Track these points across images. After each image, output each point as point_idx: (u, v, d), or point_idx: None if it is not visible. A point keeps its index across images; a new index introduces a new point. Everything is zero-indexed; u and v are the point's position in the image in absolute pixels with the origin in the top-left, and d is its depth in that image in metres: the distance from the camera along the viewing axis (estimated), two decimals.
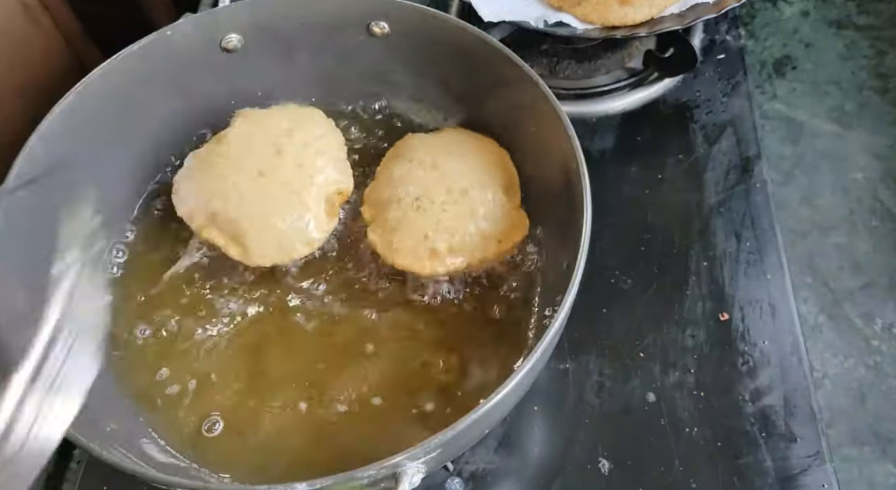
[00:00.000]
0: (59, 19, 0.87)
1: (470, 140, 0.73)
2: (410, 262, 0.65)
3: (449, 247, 0.65)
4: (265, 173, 0.68)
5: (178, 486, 0.51)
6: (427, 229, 0.66)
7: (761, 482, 0.63)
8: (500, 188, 0.68)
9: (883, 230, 0.83)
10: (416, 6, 0.70)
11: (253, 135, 0.70)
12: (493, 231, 0.66)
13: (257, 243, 0.67)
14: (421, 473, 0.49)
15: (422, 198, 0.67)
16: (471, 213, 0.67)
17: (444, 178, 0.68)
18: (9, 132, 0.79)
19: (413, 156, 0.71)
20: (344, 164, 0.71)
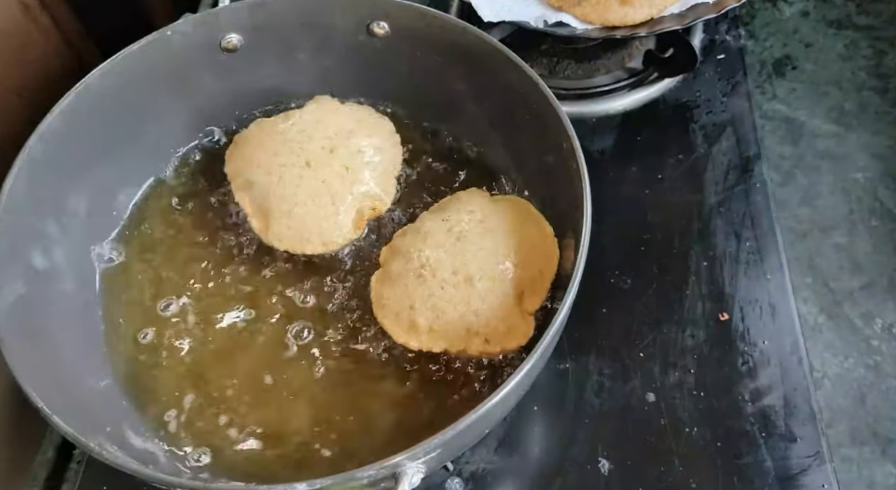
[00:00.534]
0: (58, 19, 0.87)
1: (528, 224, 0.67)
2: (389, 324, 0.63)
3: (430, 326, 0.62)
4: (311, 165, 0.68)
5: (178, 485, 0.51)
6: (416, 300, 0.63)
7: (761, 482, 0.63)
8: (514, 289, 0.63)
9: (883, 230, 0.83)
10: (416, 6, 0.70)
11: (317, 124, 0.71)
12: (482, 329, 0.61)
13: (278, 225, 0.68)
14: (421, 473, 0.49)
15: (426, 266, 0.64)
16: (466, 302, 0.62)
17: (460, 256, 0.64)
18: (8, 132, 0.78)
19: (451, 216, 0.67)
20: (389, 183, 0.71)
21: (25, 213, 0.62)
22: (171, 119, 0.75)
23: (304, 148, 0.69)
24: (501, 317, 0.62)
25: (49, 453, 0.69)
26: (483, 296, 0.62)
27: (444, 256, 0.64)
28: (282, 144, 0.70)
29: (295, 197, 0.68)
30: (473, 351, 0.62)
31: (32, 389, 0.52)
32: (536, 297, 0.64)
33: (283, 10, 0.72)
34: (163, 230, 0.73)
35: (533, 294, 0.63)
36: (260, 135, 0.71)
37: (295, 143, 0.70)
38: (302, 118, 0.72)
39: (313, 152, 0.69)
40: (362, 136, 0.71)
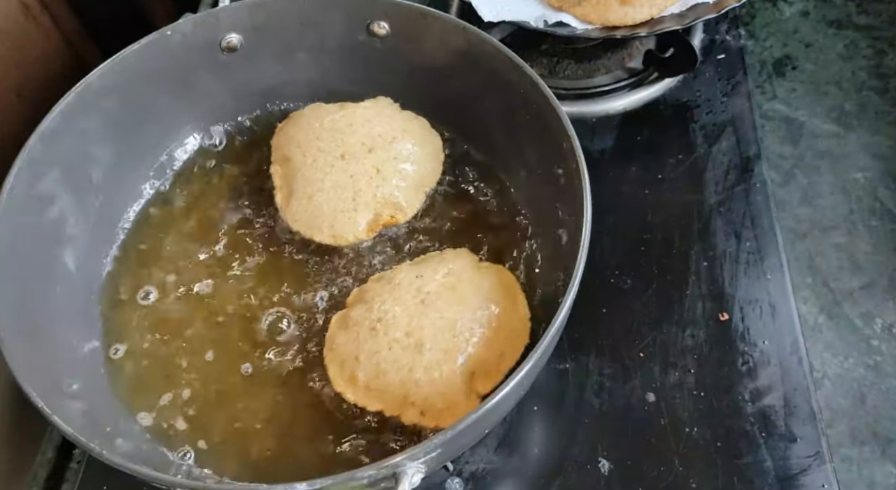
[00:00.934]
0: (58, 19, 0.87)
1: (504, 301, 0.63)
2: (333, 370, 0.61)
3: (368, 383, 0.59)
4: (346, 158, 0.69)
5: (178, 485, 0.51)
6: (362, 352, 0.60)
7: (761, 482, 0.63)
8: (465, 367, 0.59)
9: (883, 230, 0.83)
10: (416, 6, 0.70)
11: (366, 122, 0.71)
12: (419, 401, 0.58)
13: (298, 206, 0.69)
14: (421, 473, 0.49)
15: (382, 321, 0.61)
16: (409, 369, 0.59)
17: (417, 319, 0.61)
18: (8, 132, 0.78)
19: (426, 275, 0.64)
20: (417, 196, 0.70)
21: (25, 213, 0.62)
22: (171, 119, 0.75)
23: (345, 140, 0.70)
24: (442, 393, 0.58)
25: (49, 453, 0.69)
26: (428, 367, 0.59)
27: (403, 315, 0.61)
28: (326, 131, 0.71)
29: (320, 183, 0.68)
30: (407, 420, 0.59)
31: (32, 389, 0.52)
32: (489, 381, 0.60)
33: (283, 10, 0.72)
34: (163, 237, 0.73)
35: (486, 377, 0.60)
36: (311, 117, 0.73)
37: (339, 133, 0.70)
38: (355, 112, 0.72)
39: (352, 146, 0.70)
40: (404, 144, 0.71)
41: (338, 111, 0.73)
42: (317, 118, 0.72)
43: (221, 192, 0.75)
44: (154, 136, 0.74)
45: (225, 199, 0.75)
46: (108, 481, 0.65)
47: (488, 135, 0.75)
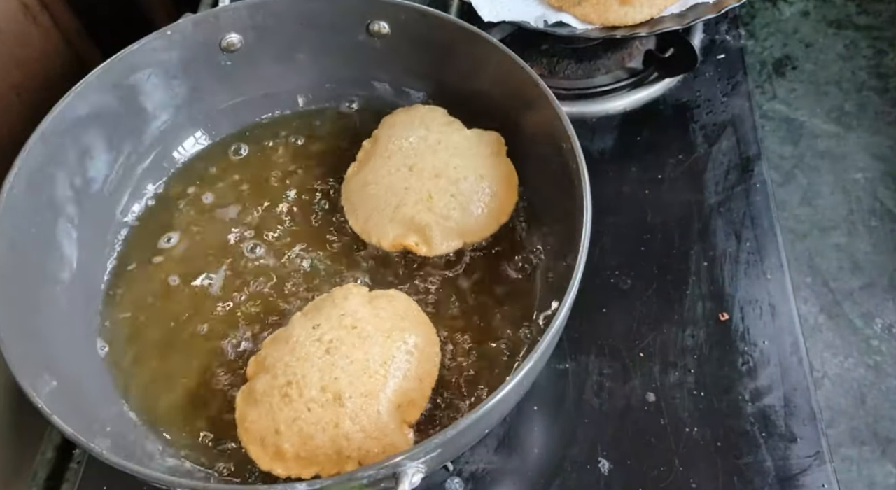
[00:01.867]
0: (58, 19, 0.87)
1: (406, 322, 0.62)
2: (254, 451, 0.58)
3: (297, 453, 0.57)
4: (412, 170, 0.69)
5: (177, 485, 0.51)
6: (281, 423, 0.57)
7: (761, 482, 0.63)
8: (390, 403, 0.58)
9: (883, 230, 0.83)
10: (416, 6, 0.70)
11: (453, 148, 0.70)
12: (354, 453, 0.56)
13: (356, 185, 0.70)
14: (421, 473, 0.49)
15: (293, 384, 0.58)
16: (335, 424, 0.56)
17: (329, 371, 0.58)
18: (8, 132, 0.78)
19: (322, 323, 0.61)
20: (450, 241, 0.67)
21: (25, 213, 0.62)
22: (171, 119, 0.75)
23: (424, 156, 0.69)
24: (376, 437, 0.56)
25: (49, 453, 0.69)
26: (354, 415, 0.56)
27: (312, 371, 0.58)
28: (416, 137, 0.71)
29: (381, 178, 0.69)
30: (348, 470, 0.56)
31: (32, 389, 0.52)
32: (415, 408, 0.59)
33: (283, 10, 0.73)
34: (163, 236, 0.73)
35: (411, 405, 0.59)
36: (421, 116, 0.73)
37: (424, 145, 0.70)
38: (451, 136, 0.71)
39: (424, 163, 0.69)
40: (468, 186, 0.68)
41: (445, 125, 0.72)
42: (422, 120, 0.72)
43: (221, 191, 0.75)
44: (154, 136, 0.74)
45: (225, 200, 0.75)
46: (108, 481, 0.65)
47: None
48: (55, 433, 0.70)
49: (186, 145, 0.77)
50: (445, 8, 0.94)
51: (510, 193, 0.70)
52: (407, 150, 0.70)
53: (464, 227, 0.67)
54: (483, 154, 0.70)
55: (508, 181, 0.70)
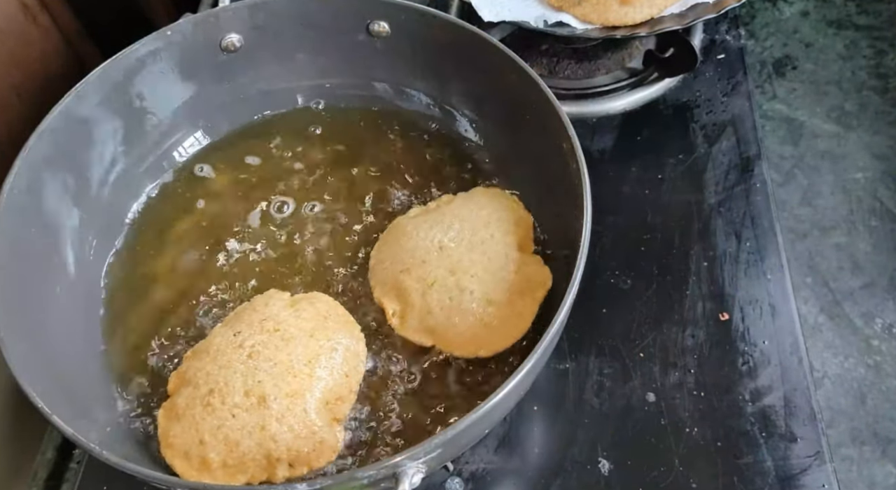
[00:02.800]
0: (58, 19, 0.87)
1: (330, 322, 0.62)
2: (179, 465, 0.57)
3: (223, 461, 0.56)
4: (442, 250, 0.65)
5: (177, 485, 0.51)
6: (205, 433, 0.56)
7: (761, 482, 0.63)
8: (317, 401, 0.57)
9: (883, 230, 0.83)
10: (416, 6, 0.70)
11: (491, 256, 0.64)
12: (284, 455, 0.56)
13: (391, 238, 0.68)
14: (421, 473, 0.49)
15: (215, 392, 0.57)
16: (261, 428, 0.56)
17: (252, 375, 0.57)
18: (7, 132, 0.78)
19: (243, 329, 0.60)
20: (423, 332, 0.63)
21: (25, 213, 0.62)
22: (171, 119, 0.75)
23: (460, 247, 0.65)
24: (305, 436, 0.56)
25: (49, 453, 0.69)
26: (281, 416, 0.56)
27: (235, 377, 0.57)
28: (470, 226, 0.66)
29: (416, 238, 0.66)
30: (279, 478, 0.56)
31: (32, 389, 0.52)
32: (344, 403, 0.59)
33: (283, 10, 0.73)
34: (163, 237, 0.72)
35: (339, 401, 0.59)
36: (492, 201, 0.69)
37: (468, 238, 0.65)
38: (495, 246, 0.65)
39: (453, 254, 0.64)
40: (471, 299, 0.62)
41: (498, 228, 0.66)
42: (496, 213, 0.67)
43: (222, 192, 0.75)
44: (154, 136, 0.74)
45: (224, 200, 0.75)
46: (108, 481, 0.65)
47: (488, 135, 0.75)
48: (55, 433, 0.70)
49: (186, 145, 0.77)
50: (445, 8, 0.94)
51: (510, 334, 0.62)
52: (453, 229, 0.66)
53: (441, 333, 0.63)
54: (511, 280, 0.63)
55: (517, 321, 0.63)
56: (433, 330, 0.63)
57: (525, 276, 0.64)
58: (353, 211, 0.73)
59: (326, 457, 0.57)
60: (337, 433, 0.58)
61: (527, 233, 0.68)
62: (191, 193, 0.75)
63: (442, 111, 0.77)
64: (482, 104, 0.74)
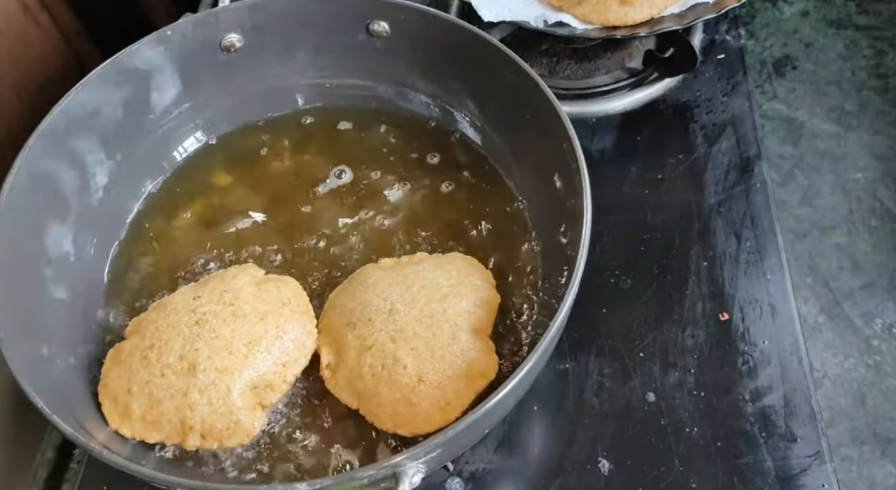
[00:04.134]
0: (58, 19, 0.87)
1: (286, 309, 0.62)
2: (107, 406, 0.59)
3: (143, 415, 0.57)
4: (391, 312, 0.60)
5: (177, 485, 0.51)
6: (134, 384, 0.58)
7: (761, 482, 0.63)
8: (244, 383, 0.58)
9: (883, 230, 0.83)
10: (416, 6, 0.70)
11: (449, 330, 0.60)
12: (197, 424, 0.57)
13: (354, 282, 0.65)
14: (421, 473, 0.49)
15: (154, 348, 0.58)
16: (183, 393, 0.57)
17: (192, 342, 0.58)
18: (8, 132, 0.79)
19: (204, 295, 0.61)
20: (349, 393, 0.60)
21: (25, 212, 0.62)
22: (171, 119, 0.75)
23: (417, 300, 0.61)
24: (221, 413, 0.57)
25: (49, 453, 0.69)
26: (204, 388, 0.57)
27: (176, 339, 0.58)
28: (432, 283, 0.62)
29: (377, 287, 0.63)
30: (190, 445, 0.57)
31: (32, 389, 0.52)
32: (274, 392, 0.59)
33: (283, 10, 0.73)
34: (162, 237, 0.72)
35: (269, 388, 0.59)
36: (456, 267, 0.65)
37: (433, 293, 0.62)
38: (459, 319, 0.61)
39: (410, 312, 0.61)
40: (402, 371, 0.58)
41: (464, 295, 0.62)
42: (463, 274, 0.64)
43: (221, 192, 0.75)
44: (154, 136, 0.74)
45: (224, 200, 0.75)
46: (108, 481, 0.65)
47: (487, 135, 0.75)
48: (55, 433, 0.70)
49: (186, 145, 0.77)
50: (445, 8, 0.94)
51: (434, 419, 0.57)
52: (410, 293, 0.61)
53: (366, 400, 0.59)
54: (450, 363, 0.58)
55: (445, 407, 0.57)
56: (360, 394, 0.59)
57: (468, 361, 0.59)
58: (352, 210, 0.73)
59: (238, 439, 0.58)
60: (256, 419, 0.58)
61: (488, 315, 0.62)
62: (191, 193, 0.75)
63: (442, 111, 0.77)
64: (482, 104, 0.74)
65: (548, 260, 0.68)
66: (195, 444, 0.57)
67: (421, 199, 0.73)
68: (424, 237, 0.71)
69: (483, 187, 0.74)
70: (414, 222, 0.72)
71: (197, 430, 0.57)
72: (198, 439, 0.57)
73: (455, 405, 0.57)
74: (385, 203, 0.73)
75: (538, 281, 0.67)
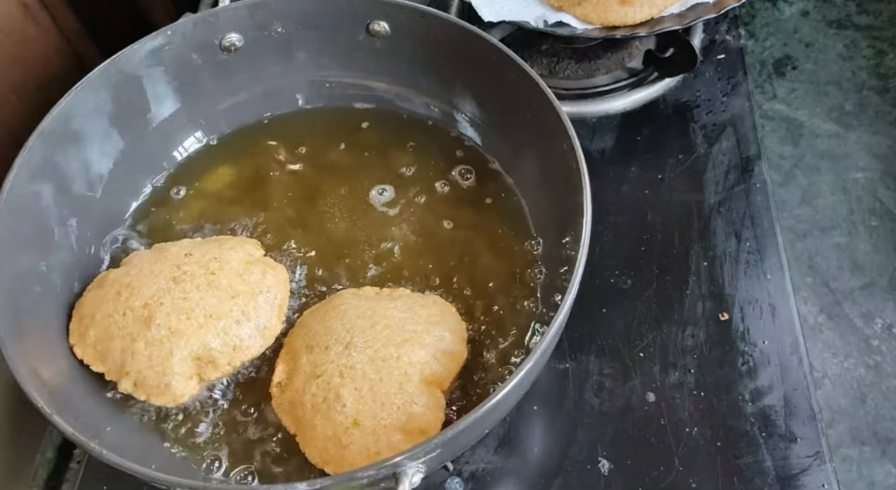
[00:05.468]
0: (58, 19, 0.87)
1: (256, 286, 0.63)
2: (74, 324, 0.62)
3: (95, 344, 0.60)
4: (348, 346, 0.59)
5: (177, 485, 0.51)
6: (98, 312, 0.61)
7: (761, 482, 0.63)
8: (190, 350, 0.59)
9: (883, 230, 0.83)
10: (416, 6, 0.70)
11: (393, 356, 0.58)
12: (133, 372, 0.59)
13: (298, 328, 0.64)
14: (421, 473, 0.49)
15: (128, 287, 0.61)
16: (132, 339, 0.59)
17: (160, 296, 0.60)
18: (8, 132, 0.79)
19: (194, 255, 0.63)
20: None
21: (25, 213, 0.62)
22: (171, 119, 0.75)
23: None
24: (157, 371, 0.59)
25: (49, 453, 0.69)
26: (150, 341, 0.59)
27: (150, 287, 0.61)
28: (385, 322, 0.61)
29: (337, 313, 0.63)
30: (122, 389, 0.60)
31: (32, 389, 0.52)
32: (216, 370, 0.60)
33: (283, 10, 0.73)
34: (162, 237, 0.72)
35: (211, 364, 0.60)
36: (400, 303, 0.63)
37: (380, 329, 0.60)
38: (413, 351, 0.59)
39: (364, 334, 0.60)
40: (335, 401, 0.57)
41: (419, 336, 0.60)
42: (414, 311, 0.62)
43: (221, 192, 0.75)
44: (154, 136, 0.74)
45: (224, 200, 0.75)
46: (108, 481, 0.65)
47: (487, 134, 0.75)
48: (55, 433, 0.70)
49: (186, 145, 0.77)
50: (445, 8, 0.94)
51: (359, 464, 0.55)
52: (374, 329, 0.60)
53: (303, 429, 0.58)
54: (390, 411, 0.56)
55: (372, 457, 0.55)
56: (298, 421, 0.58)
57: (408, 414, 0.56)
58: (352, 211, 0.73)
59: (164, 399, 0.59)
60: (188, 388, 0.60)
61: (447, 369, 0.60)
62: (190, 194, 0.75)
63: (442, 111, 0.77)
64: (482, 104, 0.74)
65: (548, 260, 0.68)
66: (127, 389, 0.60)
67: (419, 199, 0.73)
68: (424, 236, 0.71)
69: (483, 187, 0.74)
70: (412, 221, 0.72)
71: (132, 377, 0.59)
72: (130, 386, 0.59)
73: (384, 456, 0.51)
74: (384, 202, 0.73)
75: (538, 281, 0.67)
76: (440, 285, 0.68)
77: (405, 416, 0.56)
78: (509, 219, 0.71)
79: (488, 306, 0.66)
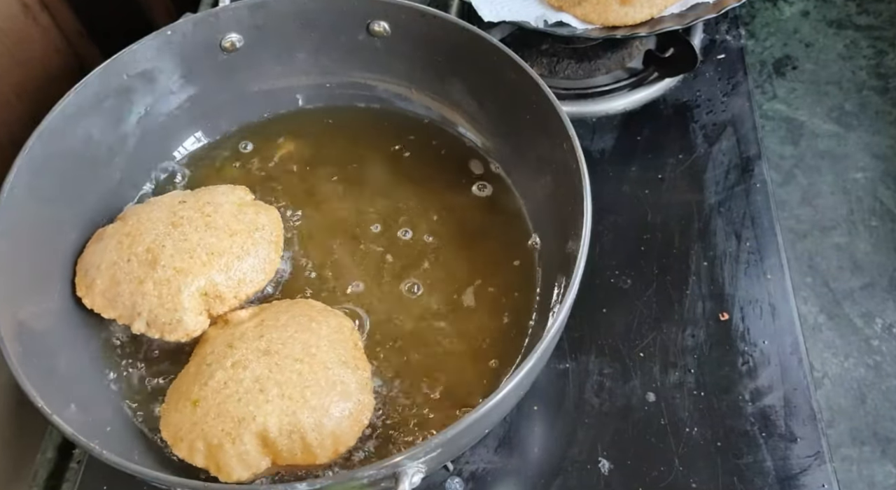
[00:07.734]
0: (58, 19, 0.87)
1: (253, 225, 0.66)
2: (79, 278, 0.64)
3: (103, 292, 0.63)
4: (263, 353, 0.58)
5: (178, 485, 0.51)
6: (104, 261, 0.63)
7: (761, 482, 0.63)
8: (198, 285, 0.61)
9: (883, 230, 0.83)
10: (416, 6, 0.70)
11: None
12: (145, 311, 0.62)
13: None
14: (421, 473, 0.49)
15: (131, 234, 0.64)
16: (140, 281, 0.61)
17: (161, 239, 0.63)
18: (8, 132, 0.79)
19: (188, 201, 0.67)
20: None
21: (26, 213, 0.62)
22: (171, 119, 0.75)
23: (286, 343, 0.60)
24: (168, 308, 0.61)
25: (49, 453, 0.69)
26: (158, 281, 0.62)
27: (150, 232, 0.64)
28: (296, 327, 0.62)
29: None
30: (136, 329, 0.62)
31: (32, 389, 0.52)
32: (223, 304, 0.63)
33: (283, 10, 0.73)
34: None
35: (218, 298, 0.63)
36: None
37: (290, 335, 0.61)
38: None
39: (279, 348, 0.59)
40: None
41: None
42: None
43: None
44: (154, 136, 0.74)
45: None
46: (108, 481, 0.65)
47: (488, 134, 0.75)
48: (55, 433, 0.70)
49: (186, 145, 0.77)
50: (445, 8, 0.94)
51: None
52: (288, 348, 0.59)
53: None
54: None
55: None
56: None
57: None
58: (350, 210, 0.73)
59: (177, 335, 0.62)
60: (199, 323, 0.62)
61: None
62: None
63: (441, 111, 0.77)
64: (482, 104, 0.74)
65: (548, 259, 0.68)
66: (140, 329, 0.62)
67: (418, 199, 0.73)
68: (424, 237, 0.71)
69: (482, 187, 0.74)
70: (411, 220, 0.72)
71: (144, 317, 0.62)
72: (143, 326, 0.62)
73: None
74: (383, 201, 0.73)
75: (538, 280, 0.67)
76: (437, 285, 0.68)
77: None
78: (508, 219, 0.71)
79: (488, 306, 0.66)
